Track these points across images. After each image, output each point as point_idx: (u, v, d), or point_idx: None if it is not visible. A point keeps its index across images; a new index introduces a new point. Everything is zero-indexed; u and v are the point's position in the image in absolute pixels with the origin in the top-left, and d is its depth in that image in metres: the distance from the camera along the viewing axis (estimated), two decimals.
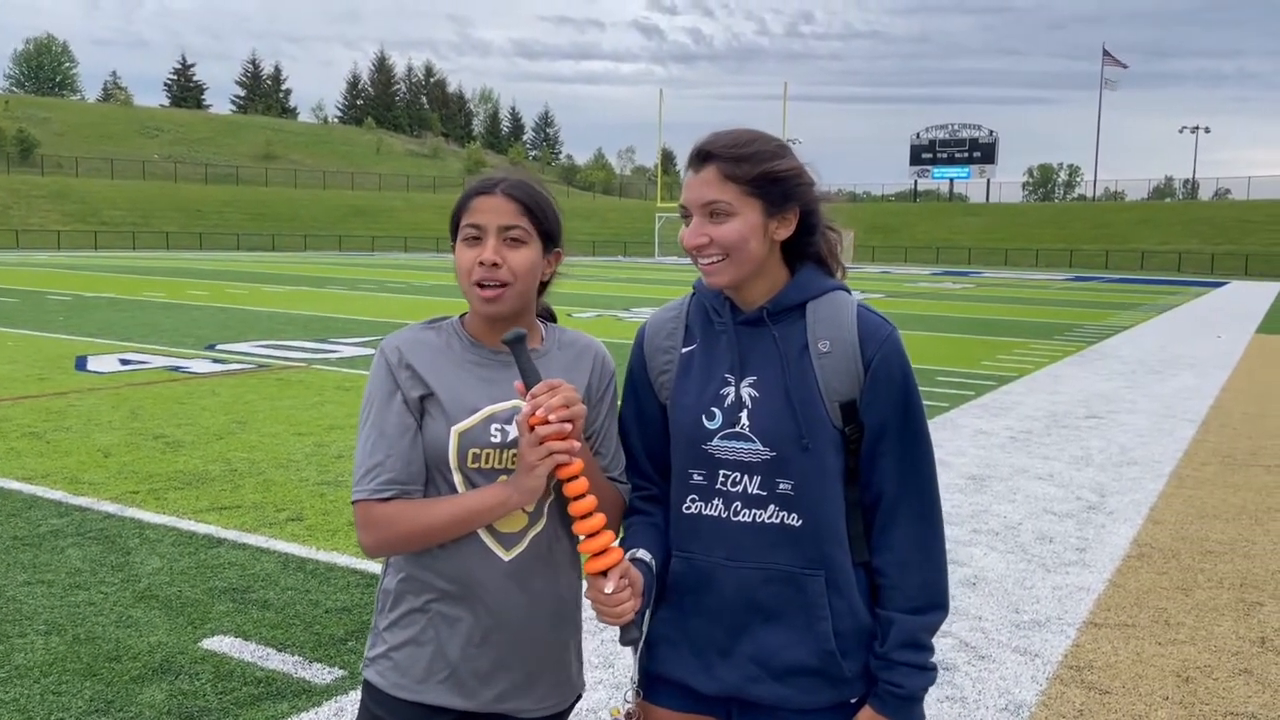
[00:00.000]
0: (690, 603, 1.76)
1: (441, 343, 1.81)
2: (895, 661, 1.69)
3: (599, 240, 76.07)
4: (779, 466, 1.68)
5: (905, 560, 1.70)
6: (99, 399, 9.09)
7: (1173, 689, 3.77)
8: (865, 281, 38.97)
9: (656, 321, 1.85)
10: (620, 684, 3.67)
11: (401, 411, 1.74)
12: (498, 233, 1.75)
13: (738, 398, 1.71)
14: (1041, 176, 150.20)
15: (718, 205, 1.67)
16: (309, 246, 66.82)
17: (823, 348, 1.69)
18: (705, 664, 1.76)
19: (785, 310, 1.72)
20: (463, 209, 1.78)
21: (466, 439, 1.73)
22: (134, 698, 3.44)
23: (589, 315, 19.88)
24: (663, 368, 1.80)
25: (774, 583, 1.71)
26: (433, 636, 1.77)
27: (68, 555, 4.89)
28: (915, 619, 1.69)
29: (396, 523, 1.71)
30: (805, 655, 1.70)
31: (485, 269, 1.74)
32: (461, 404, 1.75)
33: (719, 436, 1.71)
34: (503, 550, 1.76)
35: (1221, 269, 59.09)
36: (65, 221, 63.02)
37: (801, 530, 1.69)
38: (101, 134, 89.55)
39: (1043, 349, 15.47)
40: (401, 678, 1.78)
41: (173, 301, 20.77)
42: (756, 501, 1.70)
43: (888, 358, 1.69)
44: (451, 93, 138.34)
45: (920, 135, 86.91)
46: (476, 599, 1.75)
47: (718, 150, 1.68)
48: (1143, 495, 6.62)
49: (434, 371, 1.76)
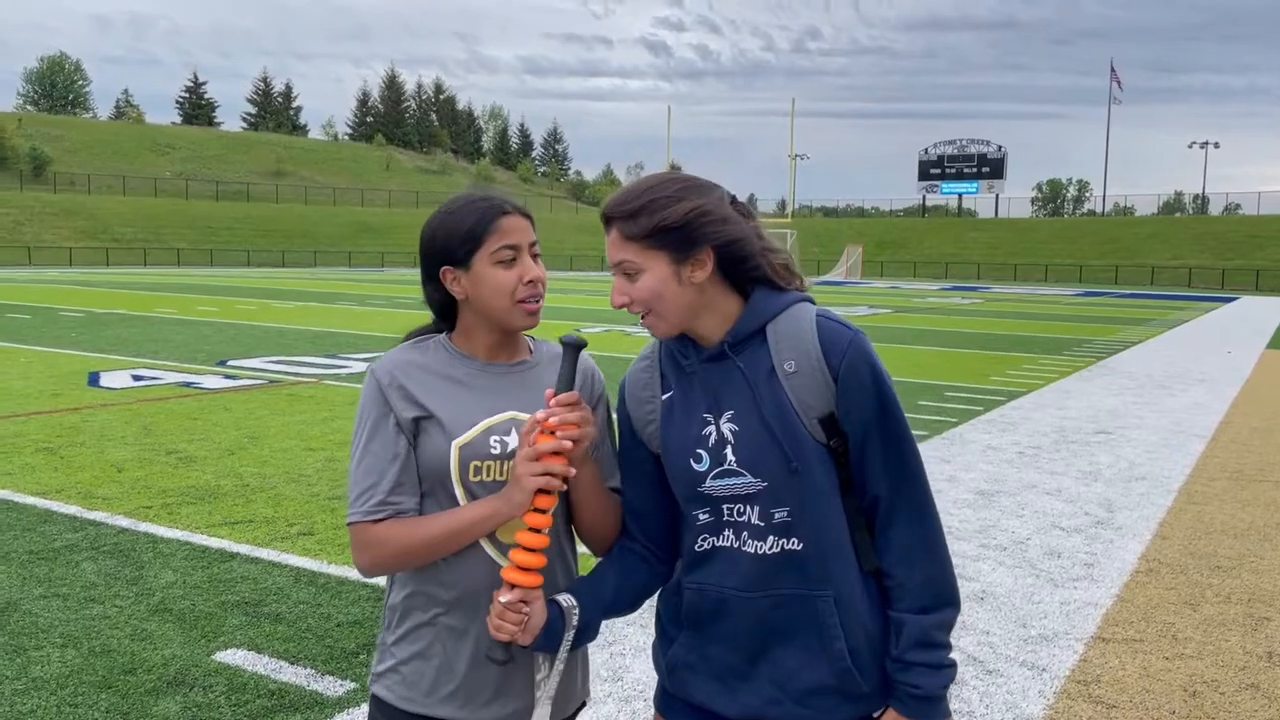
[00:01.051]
0: (708, 630, 1.77)
1: (432, 361, 1.84)
2: (910, 663, 1.69)
3: None
4: (773, 495, 1.69)
5: (906, 559, 1.71)
6: (112, 415, 9.17)
7: (1180, 704, 3.78)
8: (873, 296, 38.98)
9: (633, 375, 1.86)
10: (629, 696, 3.69)
11: (394, 434, 1.77)
12: (529, 249, 1.82)
13: (720, 435, 1.71)
14: (1050, 191, 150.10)
15: (625, 265, 1.69)
16: (319, 262, 67.13)
17: (789, 368, 1.68)
18: (727, 687, 1.76)
19: (745, 339, 1.72)
20: (487, 231, 1.79)
21: (467, 452, 1.77)
22: (149, 710, 3.48)
23: (598, 330, 19.95)
24: (648, 418, 1.80)
25: (784, 606, 1.72)
26: (440, 650, 1.80)
27: (82, 569, 4.94)
28: (925, 618, 1.69)
29: (390, 542, 1.74)
30: (823, 675, 1.71)
31: (532, 287, 1.79)
32: (459, 419, 1.78)
33: (711, 477, 1.72)
34: (507, 562, 1.78)
35: (1232, 284, 58.94)
36: (77, 238, 63.44)
37: (804, 553, 1.70)
38: (113, 151, 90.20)
39: (1052, 364, 15.46)
40: (410, 691, 1.81)
41: (184, 318, 20.90)
42: (758, 533, 1.71)
43: (854, 364, 1.67)
44: (461, 109, 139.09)
45: (928, 151, 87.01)
46: (482, 610, 1.78)
47: (613, 212, 1.70)
48: (1151, 511, 6.62)
49: (427, 391, 1.79)
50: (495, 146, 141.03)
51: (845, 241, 66.40)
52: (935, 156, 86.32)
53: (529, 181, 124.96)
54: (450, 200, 1.88)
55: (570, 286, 42.86)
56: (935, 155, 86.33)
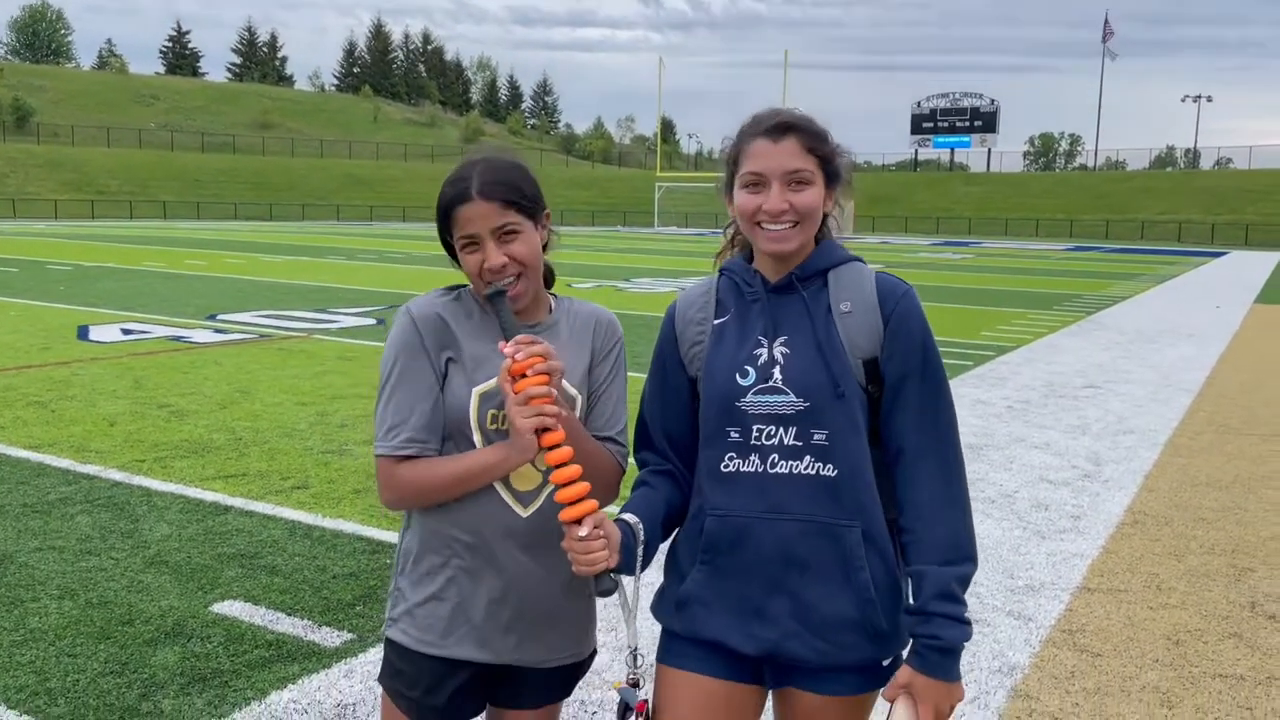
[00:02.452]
0: (725, 562, 1.78)
1: (461, 309, 1.87)
2: (932, 614, 1.68)
3: (598, 210, 75.82)
4: (813, 417, 1.73)
5: (931, 514, 1.72)
6: (102, 368, 9.15)
7: (1163, 652, 3.85)
8: (865, 252, 38.82)
9: (687, 298, 1.92)
10: (622, 646, 3.74)
11: (426, 371, 1.81)
12: (492, 235, 1.80)
13: (770, 356, 1.78)
14: (1043, 146, 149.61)
15: (801, 174, 1.76)
16: (307, 216, 66.64)
17: (844, 308, 1.78)
18: (742, 623, 1.77)
19: (811, 276, 1.82)
20: (450, 220, 1.82)
21: (487, 400, 1.80)
22: (148, 660, 3.52)
23: (588, 285, 19.89)
24: (695, 339, 1.86)
25: (811, 536, 1.73)
26: (454, 592, 1.84)
27: (77, 522, 4.96)
28: (947, 570, 1.70)
29: (413, 479, 1.78)
30: (845, 607, 1.73)
31: (494, 273, 1.81)
32: (482, 367, 1.81)
33: (752, 393, 1.77)
34: (520, 507, 1.83)
35: (1222, 239, 59.02)
36: (62, 191, 62.79)
37: (838, 480, 1.73)
38: (97, 102, 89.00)
39: (1042, 319, 15.52)
40: (425, 634, 1.85)
41: (172, 271, 20.78)
42: (792, 453, 1.74)
43: (906, 313, 1.77)
44: (449, 61, 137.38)
45: (921, 104, 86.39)
46: (496, 555, 1.82)
47: (797, 123, 1.78)
48: (1138, 464, 6.69)
49: (457, 334, 1.83)
50: (484, 98, 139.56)
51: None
52: (928, 110, 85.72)
53: (518, 134, 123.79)
54: (456, 166, 1.90)
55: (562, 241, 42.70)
56: (928, 109, 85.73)
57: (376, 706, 3.25)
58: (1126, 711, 3.38)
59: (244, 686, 3.35)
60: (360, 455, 6.36)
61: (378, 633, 3.78)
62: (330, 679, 3.43)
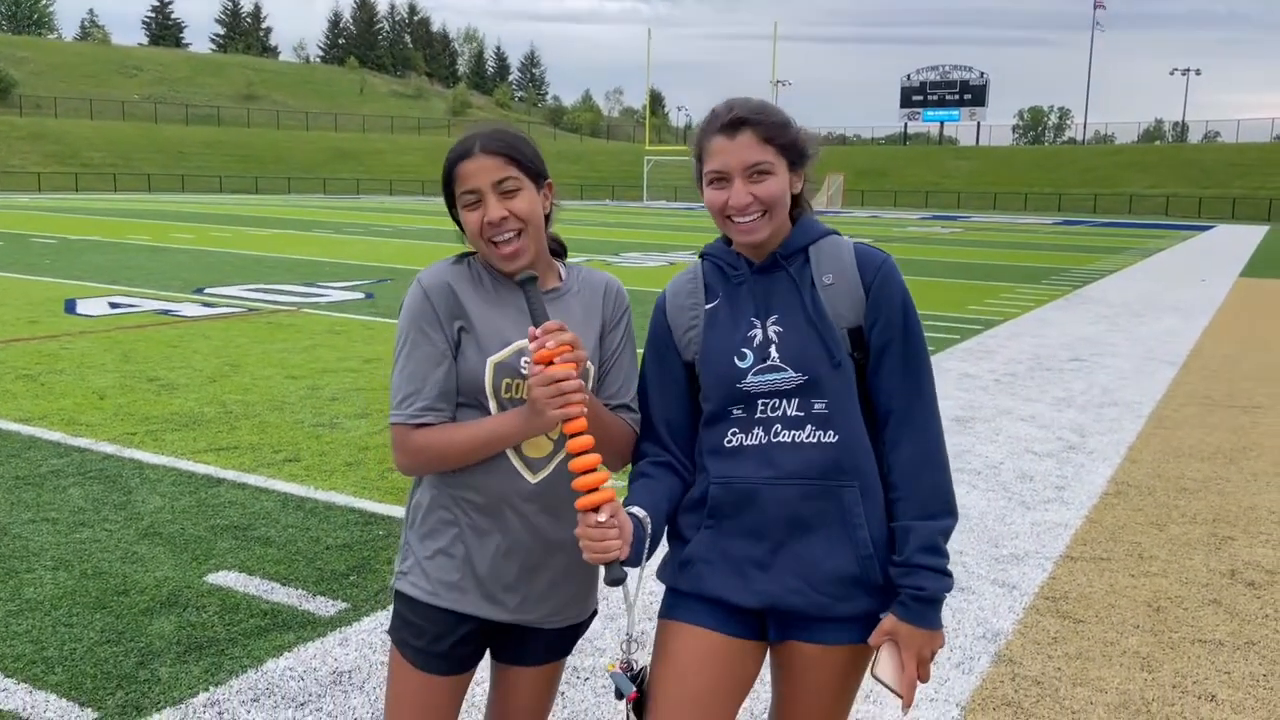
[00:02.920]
0: (729, 525, 1.85)
1: (473, 277, 1.90)
2: (916, 566, 1.78)
3: (586, 184, 75.53)
4: (812, 388, 1.82)
5: (914, 471, 1.82)
6: (90, 342, 9.13)
7: (1144, 618, 3.93)
8: (854, 226, 38.95)
9: (675, 287, 1.98)
10: (614, 614, 3.80)
11: (439, 341, 1.84)
12: (493, 189, 1.84)
13: (765, 336, 1.85)
14: (1032, 119, 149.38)
15: (760, 165, 1.81)
16: (293, 189, 66.21)
17: (827, 280, 1.85)
18: (745, 578, 1.84)
19: (793, 254, 1.88)
20: (452, 179, 1.87)
21: (501, 370, 1.84)
22: (144, 629, 3.56)
23: (578, 260, 19.83)
24: (689, 325, 1.92)
25: (813, 498, 1.81)
26: (462, 548, 1.89)
27: (70, 494, 4.98)
28: (930, 524, 1.80)
29: (427, 447, 1.83)
30: (845, 562, 1.81)
31: (494, 226, 1.83)
32: (496, 336, 1.85)
33: (752, 373, 1.84)
34: (530, 473, 1.88)
35: (1209, 213, 59.21)
36: (45, 163, 62.21)
37: (838, 445, 1.81)
38: (80, 74, 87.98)
39: (1029, 293, 15.59)
40: (433, 586, 1.90)
41: (158, 244, 20.66)
42: (795, 423, 1.82)
43: (885, 281, 1.84)
44: (436, 32, 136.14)
45: (911, 77, 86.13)
46: (504, 516, 1.87)
47: (754, 116, 1.82)
48: (1122, 435, 6.77)
49: (469, 302, 1.87)
50: (471, 70, 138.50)
51: (826, 170, 65.85)
52: (918, 83, 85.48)
53: (505, 107, 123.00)
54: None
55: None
56: (918, 82, 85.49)
57: (372, 674, 3.30)
58: (1108, 675, 3.45)
59: (240, 655, 3.39)
60: (351, 429, 6.39)
61: (376, 596, 3.83)
62: (325, 647, 3.47)
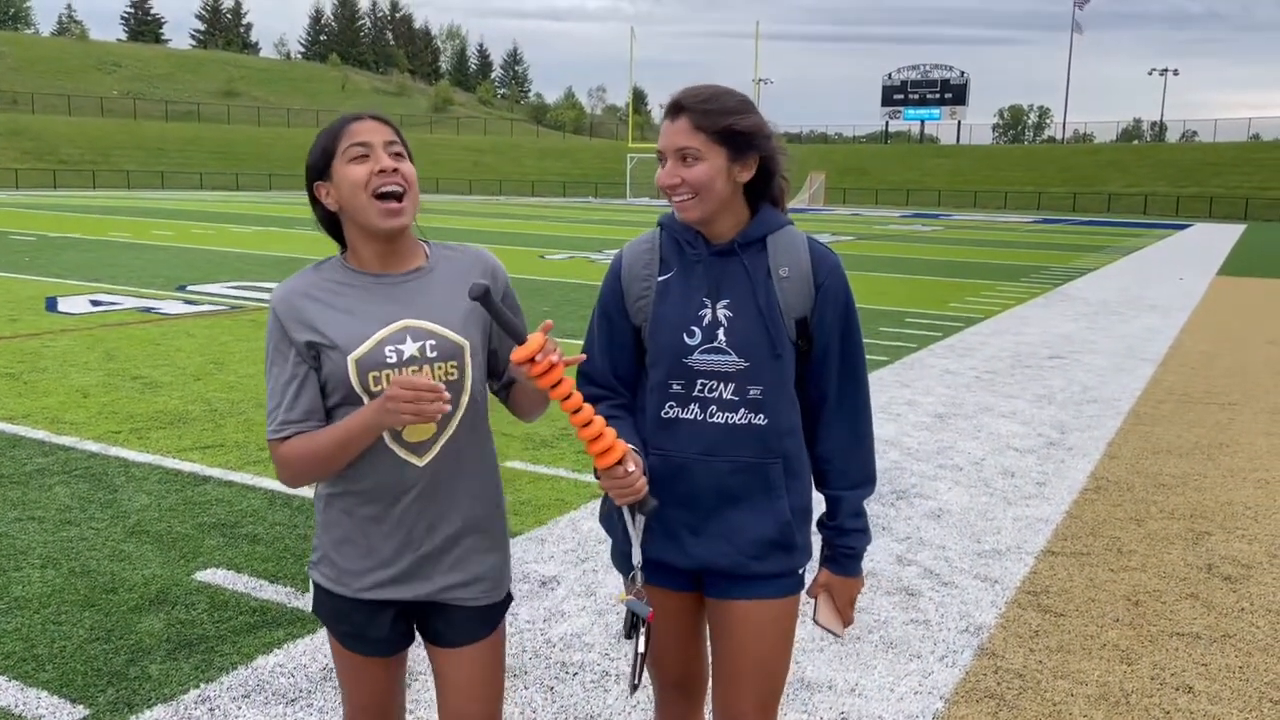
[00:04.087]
0: (665, 495, 2.00)
1: (325, 281, 1.94)
2: (847, 529, 2.07)
3: (569, 181, 75.44)
4: (751, 375, 1.97)
5: (847, 447, 2.07)
6: (73, 340, 9.09)
7: (1123, 611, 3.99)
8: (835, 224, 39.08)
9: (632, 253, 2.08)
10: (602, 610, 3.84)
11: (293, 360, 1.89)
12: (384, 147, 1.89)
13: (714, 318, 1.98)
14: (1012, 118, 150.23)
15: (688, 150, 1.93)
16: (274, 186, 65.84)
17: (783, 273, 1.98)
18: (680, 544, 2.05)
19: (751, 242, 2.00)
20: (338, 136, 1.90)
21: (364, 364, 1.88)
22: (133, 626, 3.57)
23: (561, 257, 19.88)
24: (640, 294, 2.04)
25: (741, 472, 2.00)
26: (363, 536, 1.95)
27: (56, 493, 4.97)
28: (857, 493, 2.08)
29: (297, 456, 1.89)
30: (766, 529, 2.02)
31: (385, 175, 1.87)
32: (352, 335, 1.88)
33: (699, 351, 1.98)
34: (416, 458, 1.93)
35: (1187, 211, 59.70)
36: (22, 160, 61.60)
37: (766, 428, 2.00)
38: (57, 69, 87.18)
39: (1009, 291, 15.71)
40: (340, 575, 1.97)
41: (139, 242, 20.53)
42: (729, 406, 1.99)
43: (835, 281, 2.01)
44: (418, 29, 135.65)
45: (892, 76, 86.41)
46: (398, 502, 1.93)
47: (688, 103, 1.94)
48: (1101, 432, 6.85)
49: (321, 313, 1.90)
50: (453, 67, 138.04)
51: (808, 168, 66.07)
52: (899, 82, 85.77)
53: (488, 104, 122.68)
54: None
55: (533, 213, 42.54)
56: (899, 81, 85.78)
57: None
58: (1088, 668, 3.51)
59: (230, 651, 3.41)
60: None
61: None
62: (315, 643, 3.49)
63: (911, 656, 3.57)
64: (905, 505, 5.21)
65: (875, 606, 3.97)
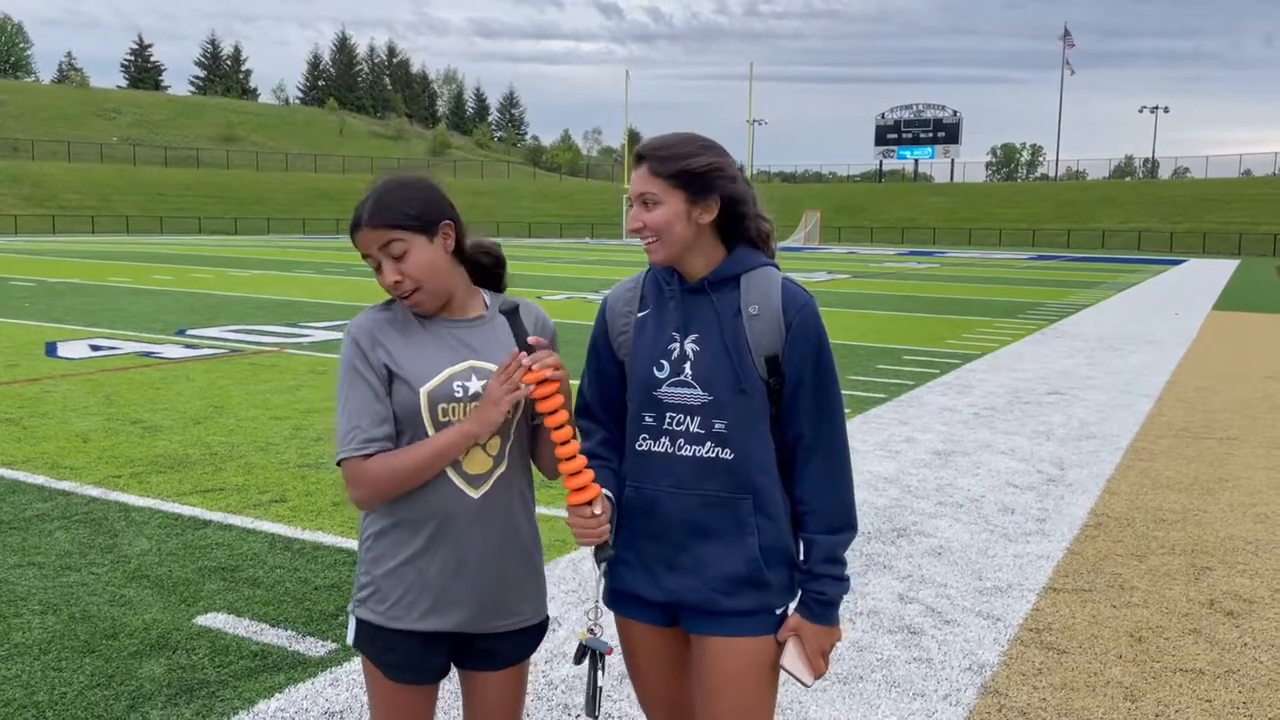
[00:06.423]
0: (640, 526, 2.08)
1: (398, 318, 2.07)
2: (819, 574, 2.04)
3: (566, 222, 75.88)
4: (715, 409, 2.02)
5: (821, 488, 2.05)
6: (73, 385, 9.10)
7: (1126, 648, 3.98)
8: (832, 262, 39.26)
9: (617, 292, 2.20)
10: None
11: (373, 379, 1.99)
12: (383, 253, 2.01)
13: (682, 351, 2.05)
14: (1005, 156, 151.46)
15: (648, 195, 2.02)
16: (273, 230, 66.15)
17: (752, 311, 2.03)
18: (653, 577, 2.08)
19: (723, 281, 2.06)
20: (354, 244, 2.07)
21: (434, 397, 1.99)
22: (134, 672, 3.55)
23: (559, 298, 19.96)
24: (621, 329, 2.14)
25: (710, 506, 2.03)
26: (413, 569, 2.01)
27: (56, 538, 4.97)
28: (832, 538, 2.04)
29: (379, 473, 1.95)
30: (736, 565, 2.03)
31: (394, 286, 2.03)
32: (425, 368, 2.01)
33: (667, 384, 2.05)
34: (472, 489, 2.02)
35: (1180, 247, 60.07)
36: (22, 206, 61.93)
37: (733, 462, 2.02)
38: (58, 116, 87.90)
39: (1006, 327, 15.77)
40: (390, 609, 2.02)
41: (138, 286, 20.60)
42: (695, 439, 2.03)
43: (805, 320, 2.03)
44: (415, 73, 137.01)
45: (885, 115, 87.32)
46: (451, 532, 2.00)
47: (646, 152, 2.04)
48: (1100, 468, 6.86)
49: (395, 343, 2.02)
50: (451, 111, 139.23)
51: (803, 207, 66.56)
52: (892, 121, 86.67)
53: (485, 147, 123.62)
54: None
55: (530, 254, 42.72)
56: (892, 120, 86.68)
57: (363, 713, 3.31)
58: (1092, 705, 3.50)
59: (231, 696, 3.40)
60: (336, 469, 6.38)
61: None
62: (316, 687, 3.48)
63: (915, 695, 3.56)
64: (906, 543, 5.21)
65: (878, 645, 3.96)
